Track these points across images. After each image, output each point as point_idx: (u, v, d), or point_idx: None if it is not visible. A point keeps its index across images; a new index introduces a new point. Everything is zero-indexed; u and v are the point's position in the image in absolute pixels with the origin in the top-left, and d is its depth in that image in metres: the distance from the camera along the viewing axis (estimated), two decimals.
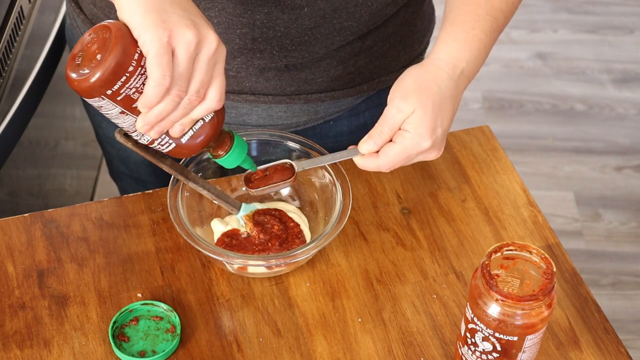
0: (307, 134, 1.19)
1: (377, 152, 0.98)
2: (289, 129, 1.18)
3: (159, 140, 0.92)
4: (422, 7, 1.19)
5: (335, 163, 1.07)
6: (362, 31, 1.11)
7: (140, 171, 1.30)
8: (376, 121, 1.17)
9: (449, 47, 1.00)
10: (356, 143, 1.20)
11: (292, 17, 1.06)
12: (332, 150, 1.17)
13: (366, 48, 1.14)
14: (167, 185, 1.05)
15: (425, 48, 1.24)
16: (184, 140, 0.92)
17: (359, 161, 0.99)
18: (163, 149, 0.93)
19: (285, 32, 1.07)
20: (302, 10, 1.05)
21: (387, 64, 1.18)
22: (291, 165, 1.03)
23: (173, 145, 0.92)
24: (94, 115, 1.30)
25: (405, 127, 0.96)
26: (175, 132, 0.90)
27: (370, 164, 0.98)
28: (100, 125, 1.31)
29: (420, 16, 1.20)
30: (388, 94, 1.18)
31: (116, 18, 1.11)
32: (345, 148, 1.14)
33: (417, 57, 1.22)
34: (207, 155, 1.09)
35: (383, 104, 1.19)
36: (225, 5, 1.05)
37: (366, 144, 0.97)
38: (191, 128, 0.91)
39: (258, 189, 1.03)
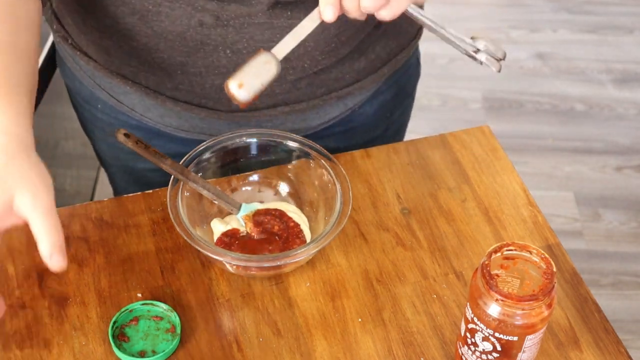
0: (335, 126, 1.22)
1: None
2: (322, 126, 1.21)
3: None
4: None
5: (330, 159, 1.07)
6: (377, 20, 1.11)
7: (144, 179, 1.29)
8: (395, 98, 1.24)
9: None
10: (379, 121, 1.25)
11: (319, 30, 1.04)
12: (357, 132, 1.23)
13: (382, 33, 1.16)
14: (167, 186, 1.05)
15: (418, 29, 1.27)
16: None
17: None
18: None
19: (314, 46, 1.08)
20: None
21: (400, 41, 1.21)
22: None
23: None
24: (108, 150, 1.29)
25: None
26: None
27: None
28: (119, 157, 1.29)
29: None
30: (401, 69, 1.22)
31: (138, 65, 1.10)
32: (372, 131, 1.22)
33: (415, 38, 1.25)
34: (207, 154, 1.09)
35: (399, 81, 1.24)
36: (252, 34, 1.05)
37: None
38: None
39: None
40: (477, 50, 0.98)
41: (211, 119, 1.16)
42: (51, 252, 0.85)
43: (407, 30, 1.22)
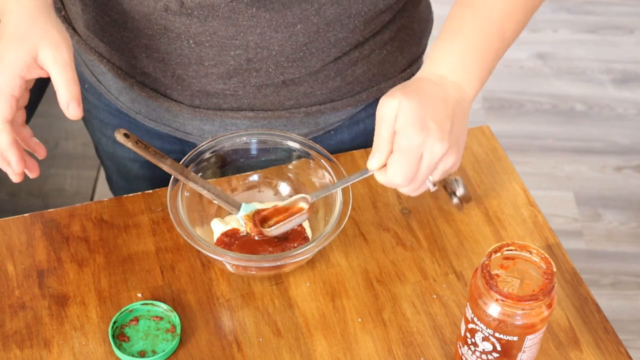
0: None
1: None
2: (283, 162, 1.15)
3: None
4: (417, 9, 1.19)
5: (330, 159, 1.07)
6: (358, 41, 1.10)
7: (140, 185, 1.29)
8: None
9: (429, 58, 1.00)
10: (357, 149, 1.20)
11: (286, 35, 1.05)
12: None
13: (363, 57, 1.13)
14: (165, 184, 1.05)
15: (424, 50, 1.23)
16: None
17: (380, 177, 0.97)
18: None
19: (280, 51, 1.07)
20: (295, 27, 1.05)
21: (385, 71, 1.17)
22: (304, 198, 1.03)
23: None
24: (94, 132, 1.31)
25: (396, 128, 0.93)
26: None
27: (383, 179, 0.96)
28: (100, 141, 1.31)
29: (417, 19, 1.19)
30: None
31: (109, 42, 1.12)
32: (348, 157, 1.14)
33: (415, 60, 1.21)
34: (207, 154, 1.09)
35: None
36: (216, 28, 1.04)
37: (373, 158, 0.95)
38: None
39: (273, 228, 1.04)
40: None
41: (175, 112, 1.16)
42: (68, 101, 0.96)
43: (397, 60, 1.18)
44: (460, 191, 1.06)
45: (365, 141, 1.21)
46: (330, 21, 1.06)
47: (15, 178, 0.99)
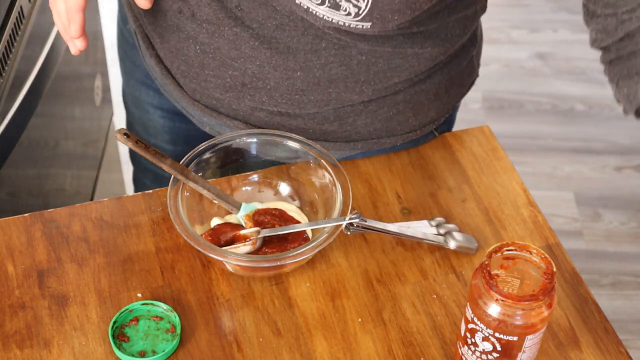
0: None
1: None
2: (288, 161, 1.13)
3: None
4: (449, 74, 1.12)
5: (330, 159, 1.07)
6: (363, 100, 1.08)
7: (159, 138, 1.31)
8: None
9: None
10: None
11: (284, 76, 1.05)
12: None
13: (369, 111, 1.10)
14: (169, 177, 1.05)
15: (448, 115, 1.18)
16: None
17: None
18: None
19: (275, 87, 1.07)
20: (295, 73, 1.05)
21: (391, 128, 1.13)
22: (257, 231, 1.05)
23: None
24: (125, 73, 1.33)
25: None
26: None
27: None
28: (128, 83, 1.33)
29: (446, 84, 1.13)
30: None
31: (139, 13, 1.13)
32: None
33: (431, 122, 1.16)
34: (207, 154, 1.09)
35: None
36: (220, 45, 1.06)
37: None
38: None
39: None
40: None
41: (179, 95, 1.17)
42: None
43: (407, 120, 1.12)
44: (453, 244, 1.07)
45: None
46: (334, 79, 1.05)
47: (73, 46, 1.07)
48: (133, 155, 1.42)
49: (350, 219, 1.02)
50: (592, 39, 1.02)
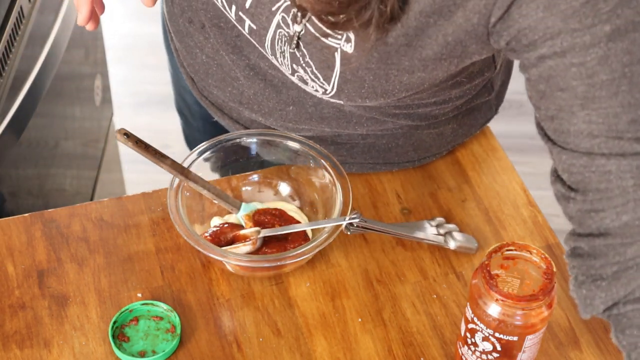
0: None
1: None
2: (283, 162, 1.14)
3: None
4: (451, 125, 1.11)
5: (330, 159, 1.07)
6: (362, 133, 1.08)
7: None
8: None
9: None
10: None
11: (277, 107, 1.06)
12: None
13: (367, 143, 1.11)
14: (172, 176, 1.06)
15: (450, 149, 1.16)
16: None
17: None
18: None
19: (269, 112, 1.08)
20: (288, 107, 1.06)
21: (389, 158, 1.13)
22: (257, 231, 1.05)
23: None
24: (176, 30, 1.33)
25: None
26: None
27: None
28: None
29: (452, 128, 1.12)
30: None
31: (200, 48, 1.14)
32: None
33: (432, 155, 1.15)
34: (207, 155, 1.09)
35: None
36: (223, 62, 1.08)
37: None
38: None
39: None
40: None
41: (189, 88, 1.19)
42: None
43: (406, 153, 1.12)
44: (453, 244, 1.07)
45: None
46: (326, 118, 1.06)
47: (82, 18, 1.03)
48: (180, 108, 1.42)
49: (350, 219, 1.02)
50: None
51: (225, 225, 1.06)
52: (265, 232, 1.04)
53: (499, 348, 0.90)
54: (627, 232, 0.85)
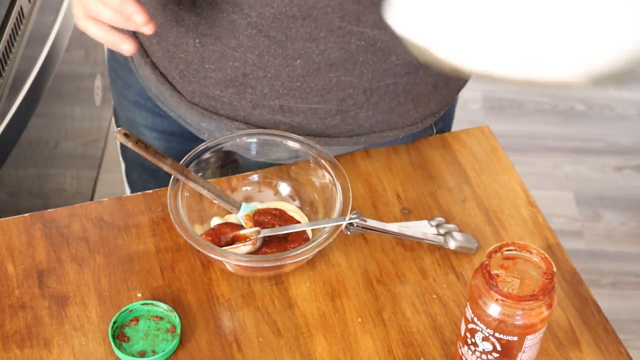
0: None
1: None
2: (289, 161, 1.13)
3: None
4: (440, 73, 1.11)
5: (330, 159, 1.07)
6: (364, 87, 1.08)
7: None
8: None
9: None
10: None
11: (284, 64, 1.04)
12: None
13: (370, 103, 1.10)
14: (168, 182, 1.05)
15: (445, 108, 1.18)
16: None
17: None
18: None
19: (275, 75, 1.06)
20: (295, 61, 1.04)
21: (393, 120, 1.13)
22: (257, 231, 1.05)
23: None
24: (116, 94, 1.31)
25: None
26: None
27: None
28: (121, 105, 1.31)
29: (444, 76, 1.12)
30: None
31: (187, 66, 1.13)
32: None
33: (432, 115, 1.16)
34: (207, 154, 1.09)
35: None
36: (220, 35, 1.05)
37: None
38: None
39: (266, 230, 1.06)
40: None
41: (177, 101, 1.16)
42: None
43: (408, 113, 1.12)
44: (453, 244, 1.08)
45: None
46: (333, 63, 1.05)
47: (129, 47, 0.96)
48: (124, 152, 1.40)
49: (350, 219, 1.02)
50: None
51: (225, 225, 1.06)
52: (265, 232, 1.04)
53: (499, 348, 0.90)
54: None
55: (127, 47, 0.96)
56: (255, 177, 1.13)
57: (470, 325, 0.91)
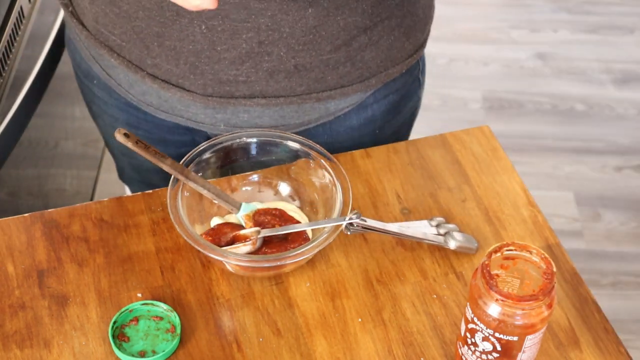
0: (318, 131, 1.19)
1: None
2: (301, 127, 1.18)
3: None
4: None
5: (330, 159, 1.07)
6: (366, 25, 1.11)
7: (152, 177, 1.30)
8: (385, 115, 1.18)
9: None
10: (365, 136, 1.21)
11: (297, 18, 1.06)
12: (342, 144, 1.20)
13: (372, 42, 1.14)
14: (167, 184, 1.05)
15: (427, 37, 1.25)
16: None
17: None
18: None
19: (290, 33, 1.07)
20: (307, 11, 1.06)
21: (393, 56, 1.18)
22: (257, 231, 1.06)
23: None
24: (105, 127, 1.31)
25: None
26: None
27: None
28: (111, 137, 1.30)
29: (422, 5, 1.20)
30: (393, 86, 1.17)
31: (120, 34, 1.12)
32: (356, 142, 1.17)
33: (420, 46, 1.22)
34: (207, 154, 1.09)
35: (389, 96, 1.19)
36: (228, 12, 1.05)
37: None
38: None
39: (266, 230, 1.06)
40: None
41: (187, 101, 1.16)
42: None
43: (403, 46, 1.19)
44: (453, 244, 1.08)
45: (373, 128, 1.23)
46: (339, 5, 1.07)
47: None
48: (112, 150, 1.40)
49: (350, 219, 1.03)
50: None
51: (225, 225, 1.06)
52: (265, 232, 1.04)
53: (499, 348, 0.90)
54: None
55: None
56: (255, 177, 1.13)
57: (470, 325, 0.91)
